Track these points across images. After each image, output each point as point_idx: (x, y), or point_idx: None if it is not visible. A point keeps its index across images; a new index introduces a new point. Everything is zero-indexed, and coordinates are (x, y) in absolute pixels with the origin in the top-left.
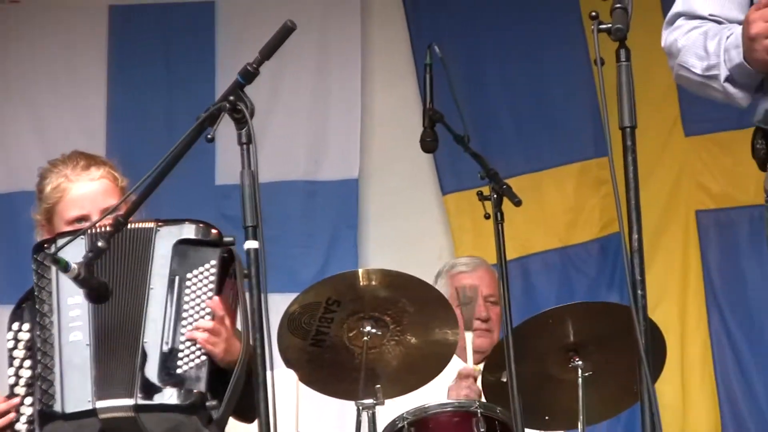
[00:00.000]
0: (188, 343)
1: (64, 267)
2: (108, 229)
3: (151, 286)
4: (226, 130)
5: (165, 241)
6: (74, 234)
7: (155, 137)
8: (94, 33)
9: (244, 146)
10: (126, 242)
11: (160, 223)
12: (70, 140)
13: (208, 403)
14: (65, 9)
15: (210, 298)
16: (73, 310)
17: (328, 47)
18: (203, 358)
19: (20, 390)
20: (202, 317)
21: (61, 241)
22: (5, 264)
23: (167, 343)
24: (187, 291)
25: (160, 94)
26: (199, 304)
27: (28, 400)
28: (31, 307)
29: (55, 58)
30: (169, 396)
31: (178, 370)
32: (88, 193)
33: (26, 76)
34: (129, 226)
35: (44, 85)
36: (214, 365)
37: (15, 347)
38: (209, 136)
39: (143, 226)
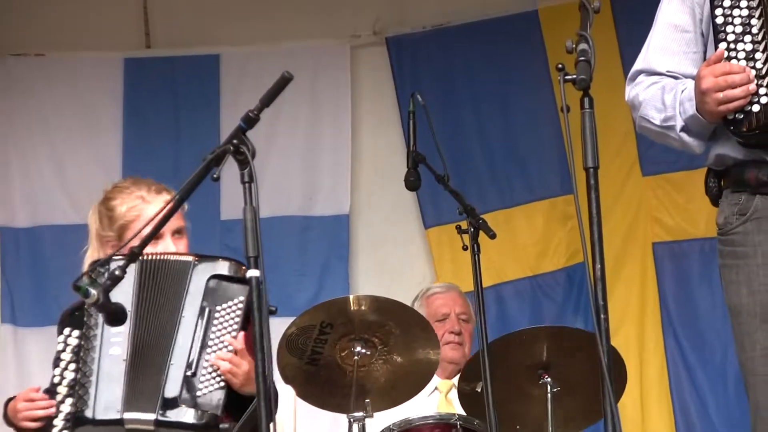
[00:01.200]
0: (210, 369)
1: (85, 294)
2: (126, 260)
3: (183, 314)
4: (230, 170)
5: (200, 274)
6: (103, 261)
7: (165, 176)
8: (111, 82)
9: (246, 185)
10: (166, 271)
11: (197, 258)
12: (89, 179)
13: (221, 426)
14: (85, 61)
15: (235, 330)
16: (115, 327)
17: (320, 95)
18: (222, 384)
19: (62, 389)
20: (225, 347)
21: (113, 261)
22: (30, 291)
23: (191, 368)
24: (215, 322)
25: (170, 137)
26: (224, 335)
27: (69, 400)
28: (81, 316)
29: (75, 105)
30: (187, 415)
31: (198, 393)
32: None
33: (49, 120)
34: (170, 257)
35: (65, 129)
36: (232, 392)
37: (63, 350)
38: (215, 176)
39: (183, 258)
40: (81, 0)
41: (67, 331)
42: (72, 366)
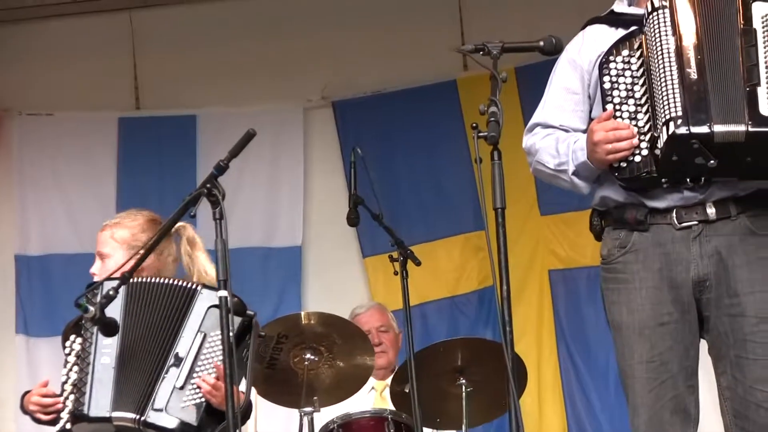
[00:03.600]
0: (195, 386)
1: (84, 310)
2: (118, 282)
3: (182, 335)
4: (204, 209)
5: (203, 302)
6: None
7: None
8: (108, 136)
9: (218, 221)
10: (173, 293)
11: (202, 287)
12: (89, 217)
13: None
14: (87, 119)
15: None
16: (106, 340)
17: (278, 148)
18: (202, 400)
19: (68, 387)
20: (210, 370)
21: (107, 282)
22: (40, 307)
23: (180, 382)
24: (207, 346)
25: (155, 182)
26: (212, 359)
27: (72, 397)
28: (82, 327)
29: (79, 155)
30: (168, 421)
31: (181, 404)
32: None
33: (57, 168)
34: (179, 283)
35: (71, 175)
36: (211, 408)
37: (69, 354)
38: (192, 214)
39: (190, 285)
40: (83, 68)
41: (72, 338)
42: (75, 368)
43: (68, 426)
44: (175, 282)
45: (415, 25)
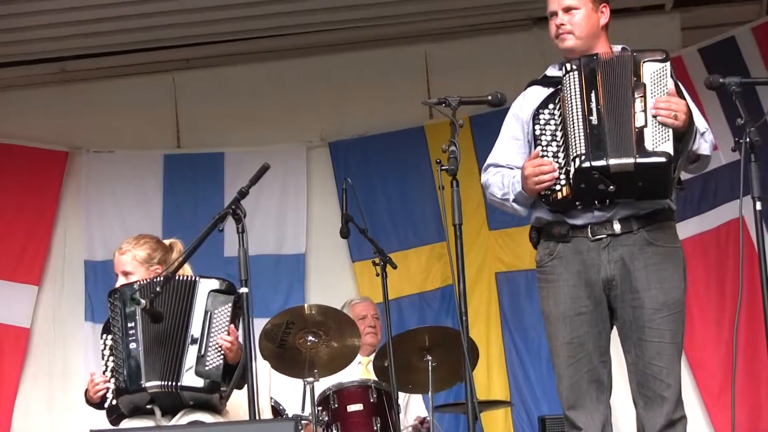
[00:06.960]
0: (213, 352)
1: (137, 303)
2: (161, 280)
3: (193, 315)
4: (230, 225)
5: (203, 288)
6: (132, 283)
7: (189, 228)
8: (155, 169)
9: (240, 234)
10: (180, 286)
11: (201, 277)
12: (140, 230)
13: (221, 389)
14: (139, 156)
15: (227, 323)
16: (131, 330)
17: (287, 178)
18: (221, 361)
19: (108, 374)
20: (225, 332)
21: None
22: (105, 301)
23: (201, 351)
24: (215, 320)
25: (191, 204)
26: (221, 329)
27: (112, 380)
28: (110, 326)
29: (132, 184)
30: (198, 382)
31: (205, 368)
32: None
33: (115, 193)
34: (182, 277)
35: (126, 199)
36: (227, 364)
37: (104, 349)
38: (220, 228)
39: (190, 278)
40: (137, 116)
41: (104, 336)
42: (111, 359)
43: (114, 402)
44: (178, 277)
45: (391, 84)
